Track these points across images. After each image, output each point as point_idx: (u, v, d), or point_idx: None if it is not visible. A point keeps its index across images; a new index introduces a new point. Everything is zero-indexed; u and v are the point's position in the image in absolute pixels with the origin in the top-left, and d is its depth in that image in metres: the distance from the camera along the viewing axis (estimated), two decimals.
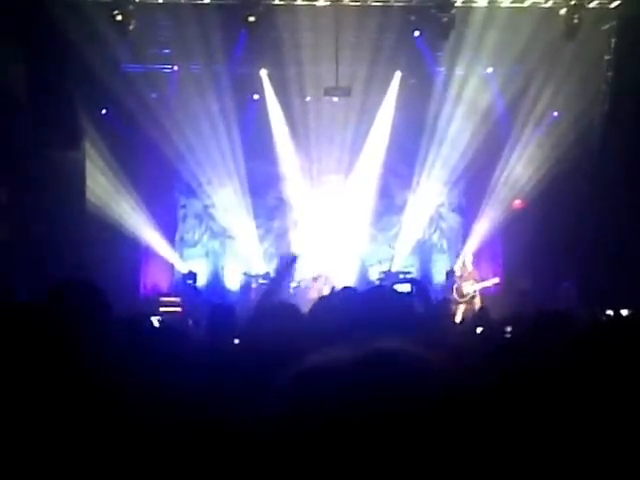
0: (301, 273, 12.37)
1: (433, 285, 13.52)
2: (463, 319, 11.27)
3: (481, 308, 10.71)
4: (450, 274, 13.11)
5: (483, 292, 12.58)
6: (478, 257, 13.47)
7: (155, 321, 6.21)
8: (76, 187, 12.18)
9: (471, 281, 12.60)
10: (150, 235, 13.60)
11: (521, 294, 12.30)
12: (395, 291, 3.89)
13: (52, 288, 2.73)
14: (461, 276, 12.72)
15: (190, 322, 9.33)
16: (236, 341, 3.82)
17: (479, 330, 5.82)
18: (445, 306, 9.58)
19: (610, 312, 9.25)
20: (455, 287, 12.53)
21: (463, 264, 13.06)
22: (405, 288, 4.10)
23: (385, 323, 3.08)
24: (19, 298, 7.14)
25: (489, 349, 3.32)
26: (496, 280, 12.80)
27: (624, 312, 8.74)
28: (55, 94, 11.19)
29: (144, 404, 2.23)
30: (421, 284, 4.23)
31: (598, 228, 12.00)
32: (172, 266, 14.11)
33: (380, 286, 4.78)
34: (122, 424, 2.10)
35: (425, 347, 0.91)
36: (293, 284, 12.19)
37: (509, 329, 4.77)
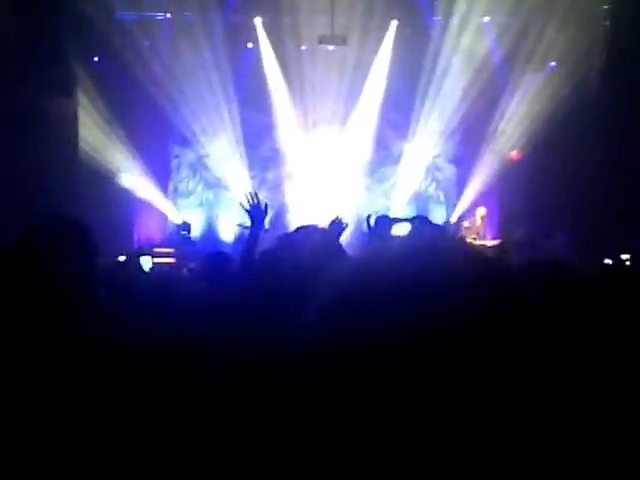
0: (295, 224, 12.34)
1: None
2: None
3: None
4: (447, 225, 13.05)
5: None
6: (474, 208, 13.43)
7: (147, 261, 6.17)
8: (68, 135, 12.06)
9: (474, 235, 12.53)
10: (143, 185, 13.55)
11: (517, 245, 12.27)
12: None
13: (33, 224, 2.58)
14: (469, 228, 12.64)
15: (185, 271, 9.32)
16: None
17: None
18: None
19: (608, 261, 9.26)
20: (459, 236, 12.35)
21: (474, 216, 12.96)
22: (404, 228, 4.09)
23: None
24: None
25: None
26: (496, 243, 12.74)
27: (625, 257, 8.75)
28: (47, 41, 11.02)
29: (141, 353, 2.21)
30: (422, 217, 4.21)
31: (595, 179, 11.97)
32: (166, 217, 14.07)
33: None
34: (120, 373, 2.07)
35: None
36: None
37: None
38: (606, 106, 11.83)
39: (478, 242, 12.46)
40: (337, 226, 3.93)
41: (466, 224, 12.76)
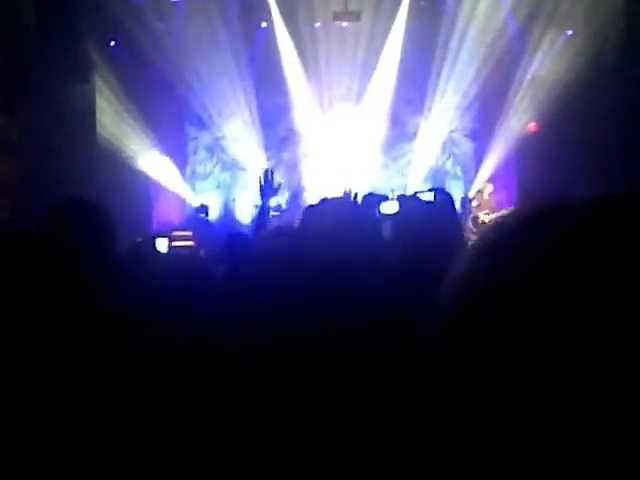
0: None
1: None
2: None
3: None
4: (465, 201, 12.95)
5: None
6: (493, 183, 13.36)
7: (163, 243, 6.20)
8: (86, 121, 12.14)
9: (487, 210, 12.47)
10: (162, 169, 13.62)
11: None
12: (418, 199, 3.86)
13: (53, 206, 2.61)
14: (478, 205, 12.56)
15: (202, 253, 9.38)
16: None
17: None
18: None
19: None
20: (472, 216, 12.29)
21: (480, 192, 12.92)
22: (429, 197, 4.08)
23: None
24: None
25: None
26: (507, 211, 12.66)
27: None
28: (64, 27, 11.07)
29: (155, 336, 2.23)
30: (443, 191, 4.20)
31: (615, 150, 11.84)
32: (184, 200, 14.15)
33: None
34: (134, 356, 2.10)
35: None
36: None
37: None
38: (625, 75, 11.68)
39: (494, 215, 12.39)
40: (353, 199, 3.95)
41: (475, 203, 12.67)
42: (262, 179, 4.26)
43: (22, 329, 2.07)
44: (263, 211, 4.08)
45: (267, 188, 4.18)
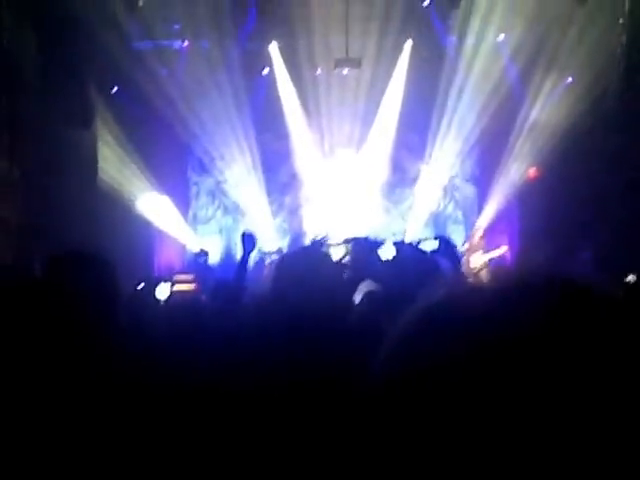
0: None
1: None
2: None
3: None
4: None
5: (495, 265, 12.40)
6: (494, 228, 13.37)
7: (165, 289, 6.17)
8: (88, 166, 12.21)
9: (479, 252, 12.43)
10: (163, 213, 13.63)
11: (536, 266, 12.14)
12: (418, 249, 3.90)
13: (54, 258, 2.60)
14: (468, 249, 12.51)
15: (203, 297, 9.32)
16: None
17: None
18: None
19: (631, 277, 9.07)
20: (462, 261, 12.17)
21: (472, 237, 12.91)
22: (432, 245, 4.09)
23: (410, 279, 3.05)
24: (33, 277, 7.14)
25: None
26: (504, 249, 12.65)
27: None
28: (67, 73, 11.18)
29: (162, 383, 2.22)
30: (447, 240, 4.27)
31: (614, 197, 11.87)
32: (185, 245, 14.14)
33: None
34: (135, 407, 2.08)
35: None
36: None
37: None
38: (623, 122, 11.76)
39: (488, 256, 12.35)
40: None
41: (466, 245, 12.63)
42: (242, 241, 4.78)
43: (23, 376, 2.05)
44: (242, 264, 4.47)
45: (246, 249, 4.68)
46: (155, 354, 2.40)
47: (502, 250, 12.67)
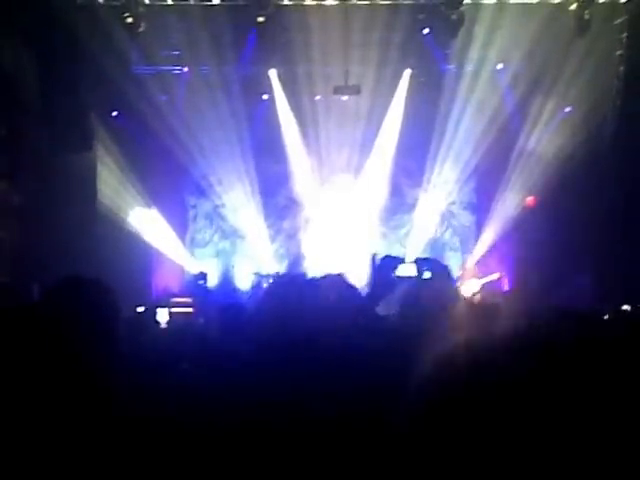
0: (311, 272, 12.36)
1: None
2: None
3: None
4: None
5: (490, 291, 12.38)
6: (490, 255, 13.40)
7: (164, 314, 6.19)
8: (87, 189, 12.25)
9: (472, 279, 12.42)
10: (161, 236, 13.65)
11: (533, 292, 12.15)
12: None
13: (55, 286, 2.61)
14: (461, 276, 12.49)
15: (201, 321, 9.33)
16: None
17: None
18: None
19: (627, 307, 9.11)
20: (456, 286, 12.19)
21: (465, 264, 12.91)
22: (409, 270, 4.09)
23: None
24: (31, 299, 7.14)
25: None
26: (497, 275, 12.64)
27: None
28: (67, 97, 11.24)
29: (158, 408, 2.21)
30: (440, 265, 4.21)
31: (611, 224, 11.91)
32: (183, 267, 14.15)
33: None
34: (129, 429, 2.08)
35: None
36: None
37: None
38: (621, 151, 11.84)
39: (481, 282, 12.33)
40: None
41: (459, 272, 12.59)
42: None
43: (21, 401, 2.04)
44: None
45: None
46: (159, 382, 2.39)
47: (495, 276, 12.66)
